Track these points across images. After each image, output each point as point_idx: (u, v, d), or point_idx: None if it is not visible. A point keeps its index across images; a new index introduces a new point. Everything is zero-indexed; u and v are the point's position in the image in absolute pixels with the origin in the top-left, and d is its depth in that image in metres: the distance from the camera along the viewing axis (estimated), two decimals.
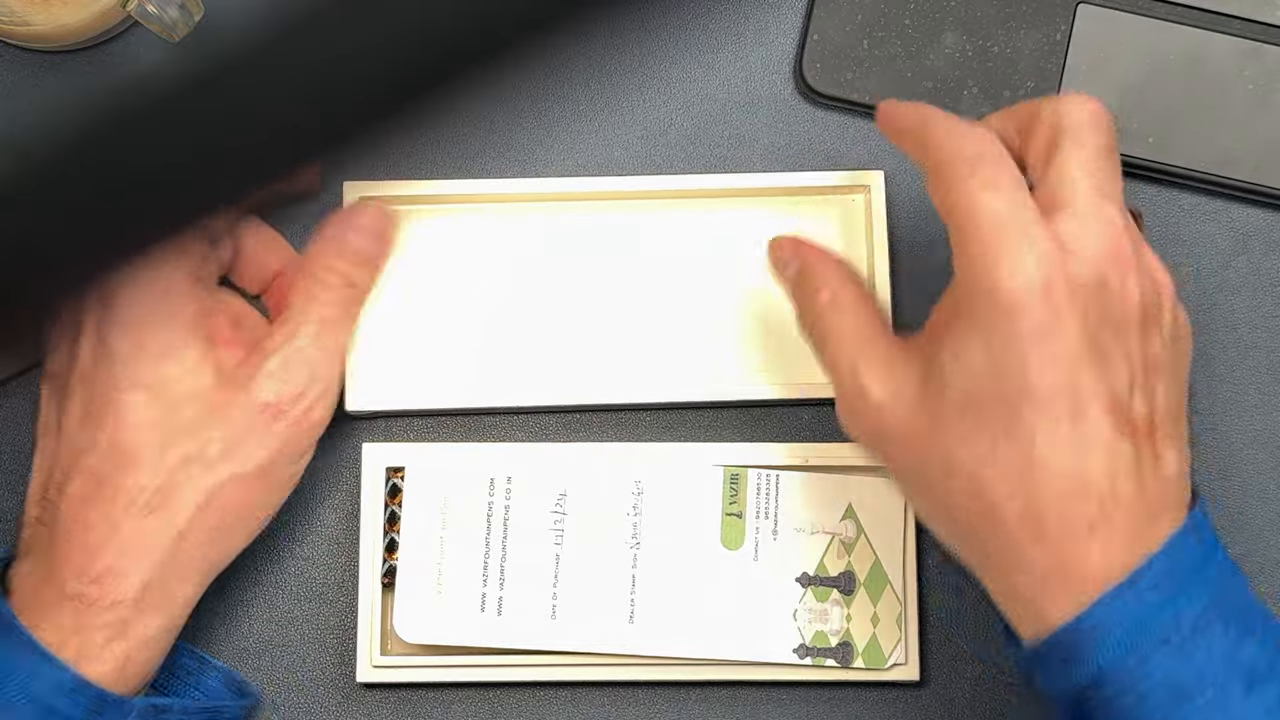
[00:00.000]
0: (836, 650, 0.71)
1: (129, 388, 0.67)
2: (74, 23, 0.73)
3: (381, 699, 0.74)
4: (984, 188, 0.62)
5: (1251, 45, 0.76)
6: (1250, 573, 0.74)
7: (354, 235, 0.72)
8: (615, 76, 0.77)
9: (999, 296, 0.60)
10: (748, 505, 0.72)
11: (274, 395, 0.68)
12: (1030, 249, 0.60)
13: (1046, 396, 0.60)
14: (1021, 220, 0.61)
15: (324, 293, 0.70)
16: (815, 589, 0.71)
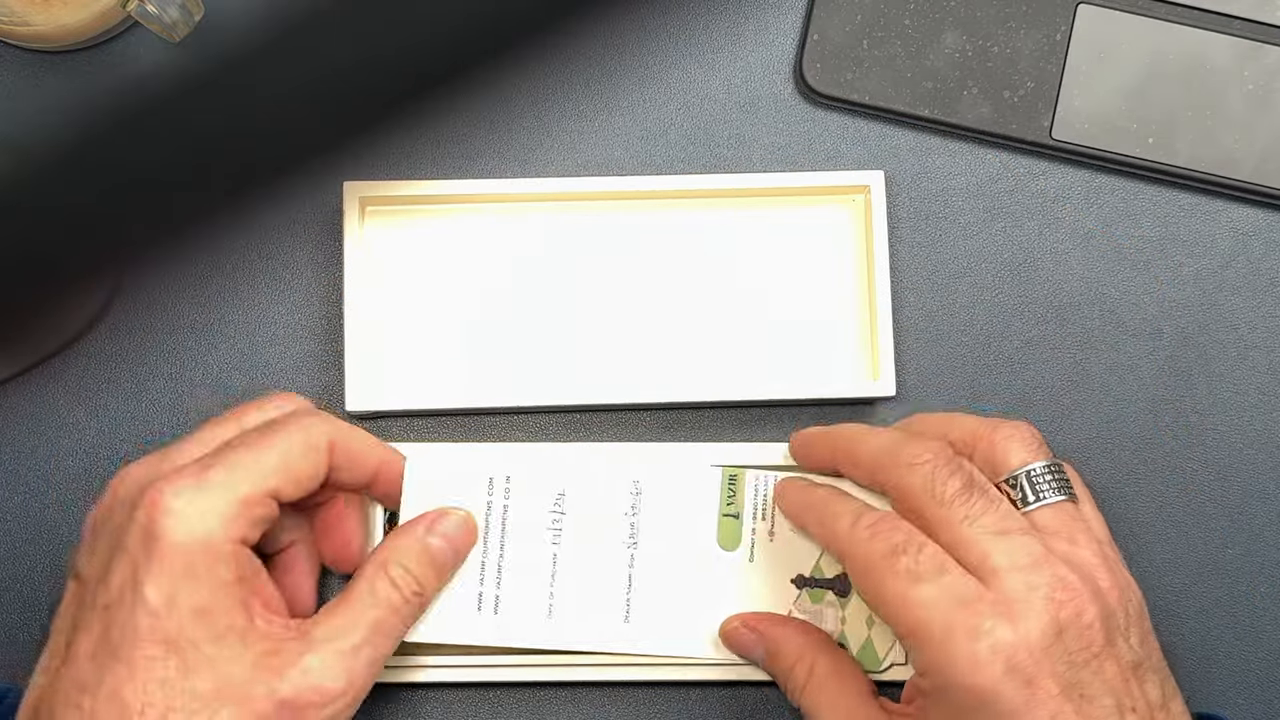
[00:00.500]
0: None
1: (151, 641, 0.62)
2: (74, 23, 0.73)
3: (382, 699, 0.74)
4: (912, 581, 0.63)
5: (1251, 45, 0.76)
6: (1250, 573, 0.74)
7: (435, 540, 0.69)
8: (615, 76, 0.77)
9: (970, 693, 0.61)
10: (745, 506, 0.72)
11: (299, 696, 0.63)
12: (982, 639, 0.61)
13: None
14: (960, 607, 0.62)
15: (390, 594, 0.66)
16: (810, 591, 0.71)
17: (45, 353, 0.75)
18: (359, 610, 0.66)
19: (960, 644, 0.62)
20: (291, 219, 0.76)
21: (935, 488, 0.65)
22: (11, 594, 0.75)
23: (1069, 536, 0.65)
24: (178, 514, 0.63)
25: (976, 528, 0.64)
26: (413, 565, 0.67)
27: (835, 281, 0.75)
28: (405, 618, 0.67)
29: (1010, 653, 0.61)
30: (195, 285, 0.76)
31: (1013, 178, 0.76)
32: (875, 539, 0.64)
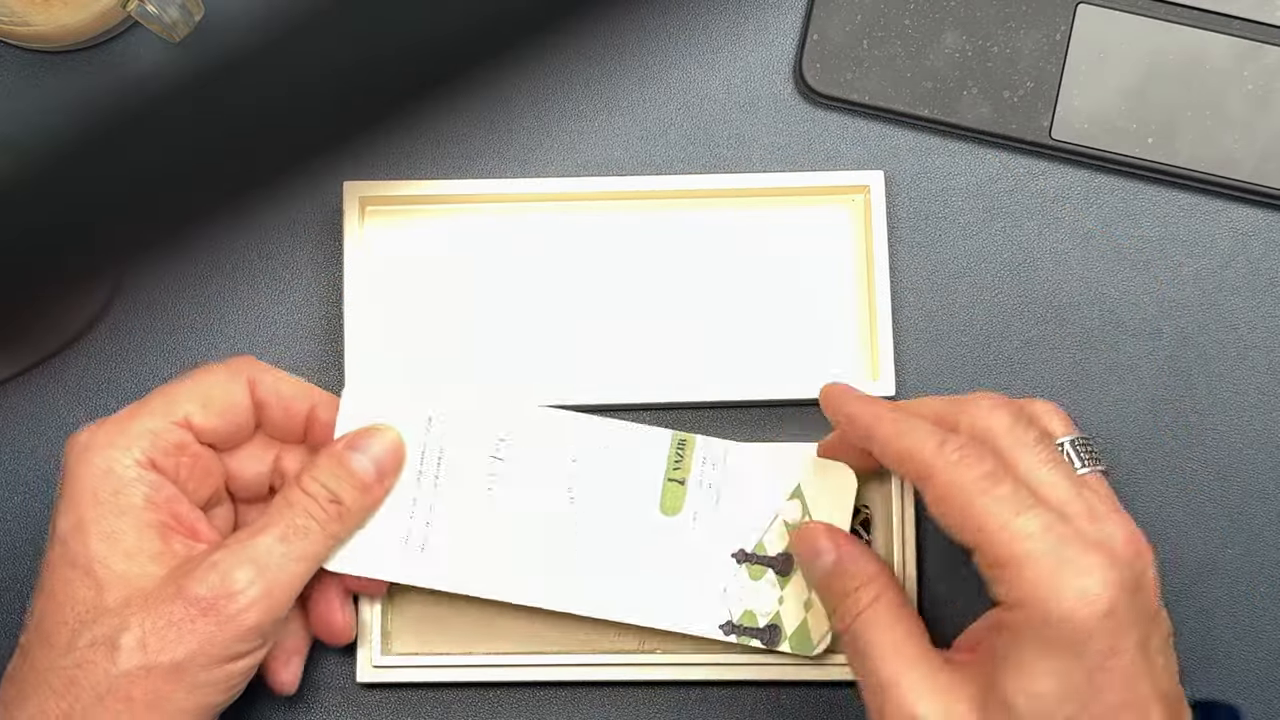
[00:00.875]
0: (764, 631, 0.70)
1: (62, 565, 0.65)
2: (74, 23, 0.73)
3: (381, 699, 0.74)
4: (1014, 511, 0.62)
5: (1251, 45, 0.76)
6: (1250, 573, 0.74)
7: (356, 456, 0.69)
8: (615, 76, 0.77)
9: (1069, 626, 0.61)
10: (691, 472, 0.71)
11: (206, 589, 0.64)
12: (1092, 576, 0.61)
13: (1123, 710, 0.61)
14: (1067, 544, 0.61)
15: (304, 501, 0.67)
16: (750, 566, 0.70)
17: (45, 353, 0.75)
18: (271, 515, 0.67)
19: (1070, 578, 0.61)
20: (291, 219, 0.76)
21: (1018, 430, 0.64)
22: (11, 594, 0.75)
23: (1114, 504, 0.65)
24: (82, 446, 0.66)
25: (1056, 473, 0.63)
26: (328, 478, 0.68)
27: (835, 281, 0.75)
28: (323, 523, 0.67)
29: (1113, 595, 0.61)
30: (195, 285, 0.76)
31: (1013, 178, 0.76)
32: (965, 463, 0.63)
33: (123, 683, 0.64)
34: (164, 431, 0.67)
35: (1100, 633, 0.61)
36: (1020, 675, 0.61)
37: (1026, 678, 0.61)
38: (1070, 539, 0.61)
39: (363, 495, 0.68)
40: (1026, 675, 0.61)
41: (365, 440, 0.69)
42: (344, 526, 0.68)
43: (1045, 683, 0.61)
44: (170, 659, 0.64)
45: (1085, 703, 0.61)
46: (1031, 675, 0.61)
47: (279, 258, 0.76)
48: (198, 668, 0.64)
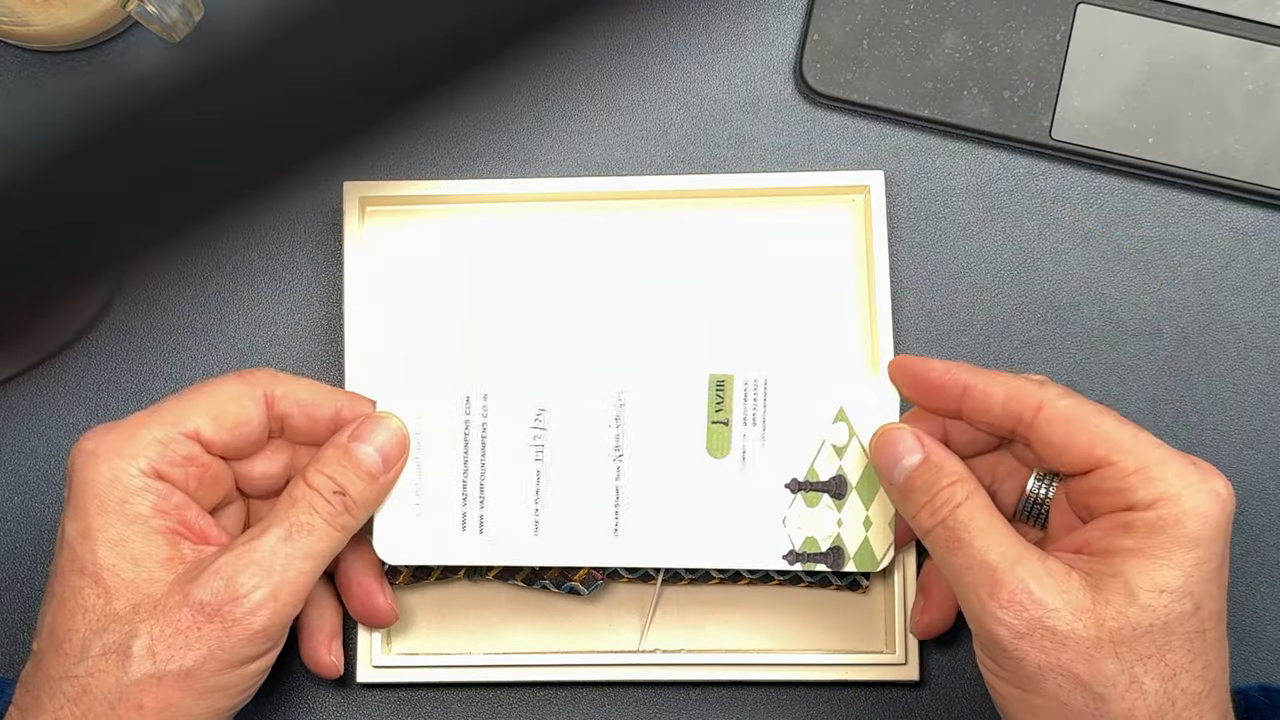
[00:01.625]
0: (827, 555, 0.70)
1: (71, 572, 0.65)
2: (74, 23, 0.73)
3: (381, 699, 0.74)
4: (1134, 429, 0.66)
5: (1251, 45, 0.76)
6: (1250, 573, 0.74)
7: (361, 446, 0.69)
8: (615, 76, 0.77)
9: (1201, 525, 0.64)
10: (734, 412, 0.71)
11: (211, 595, 0.64)
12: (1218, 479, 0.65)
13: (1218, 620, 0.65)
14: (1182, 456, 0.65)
15: (309, 497, 0.67)
16: (806, 494, 0.70)
17: (45, 353, 0.75)
18: (275, 513, 0.67)
19: (1203, 479, 0.65)
20: (291, 219, 0.76)
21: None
22: (11, 594, 0.75)
23: None
24: (89, 454, 0.66)
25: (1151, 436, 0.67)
26: (333, 470, 0.68)
27: (835, 281, 0.75)
28: (329, 517, 0.67)
29: (1227, 511, 0.65)
30: (195, 285, 0.76)
31: (1013, 178, 0.76)
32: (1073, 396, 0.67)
33: (134, 691, 0.64)
34: (172, 442, 0.67)
35: (1223, 535, 0.64)
36: (1148, 567, 0.63)
37: (1154, 570, 0.63)
38: (1185, 457, 0.66)
39: (369, 485, 0.68)
40: (1154, 567, 0.63)
41: (369, 430, 0.69)
42: (352, 518, 0.68)
43: (1172, 576, 0.63)
44: (180, 666, 0.64)
45: (1201, 601, 0.63)
46: (1160, 567, 0.63)
47: (279, 258, 0.76)
48: (208, 674, 0.64)
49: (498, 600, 0.73)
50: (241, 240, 0.76)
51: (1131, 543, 0.64)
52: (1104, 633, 0.62)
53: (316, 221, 0.76)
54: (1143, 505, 0.64)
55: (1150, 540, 0.64)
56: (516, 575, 0.72)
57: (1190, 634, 0.63)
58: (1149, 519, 0.64)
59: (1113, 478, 0.65)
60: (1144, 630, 0.62)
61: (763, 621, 0.73)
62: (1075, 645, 0.63)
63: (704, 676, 0.72)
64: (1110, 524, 0.65)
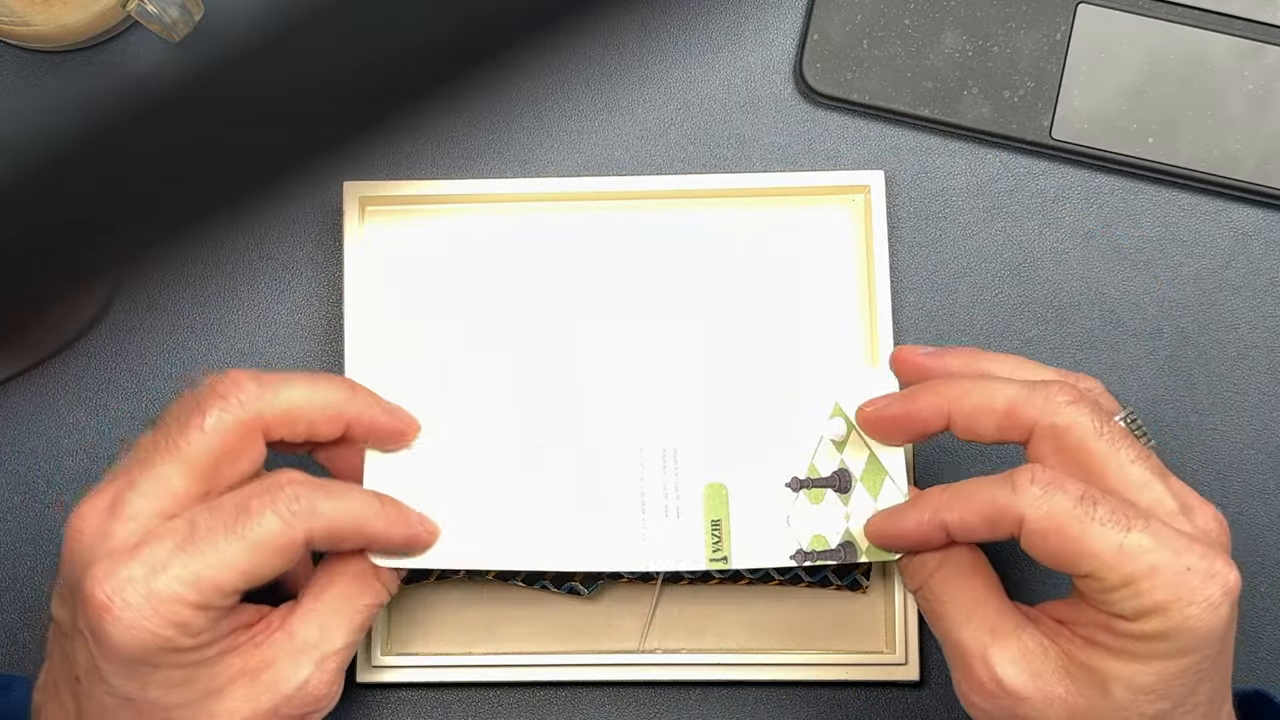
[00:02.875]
0: (839, 550, 0.68)
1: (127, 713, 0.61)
2: (74, 23, 0.73)
3: (381, 699, 0.74)
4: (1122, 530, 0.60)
5: (1251, 45, 0.76)
6: (1250, 573, 0.74)
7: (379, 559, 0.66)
8: (615, 76, 0.77)
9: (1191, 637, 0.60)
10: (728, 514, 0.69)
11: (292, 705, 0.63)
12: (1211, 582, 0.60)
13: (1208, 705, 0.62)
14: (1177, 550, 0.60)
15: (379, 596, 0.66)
16: (809, 491, 0.69)
17: (45, 353, 0.75)
18: (345, 614, 0.64)
19: (1196, 587, 0.60)
20: (291, 219, 0.76)
21: (1105, 430, 0.62)
22: (11, 594, 0.75)
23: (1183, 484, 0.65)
24: (124, 623, 0.60)
25: (1146, 469, 0.62)
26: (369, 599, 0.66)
27: (835, 281, 0.75)
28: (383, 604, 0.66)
29: (1234, 590, 0.61)
30: (195, 285, 0.76)
31: (1013, 178, 0.76)
32: (1052, 493, 0.61)
33: None
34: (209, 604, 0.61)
35: (1218, 638, 0.61)
36: (1129, 669, 0.61)
37: (1135, 673, 0.61)
38: (1182, 545, 0.60)
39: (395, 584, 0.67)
40: (1134, 671, 0.61)
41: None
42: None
43: (1151, 678, 0.61)
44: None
45: (1180, 699, 0.61)
46: (1139, 673, 0.61)
47: (279, 258, 0.76)
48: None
49: (498, 600, 0.73)
50: (241, 240, 0.76)
51: (1114, 644, 0.61)
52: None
53: (316, 221, 0.76)
54: (1129, 617, 0.61)
55: (1134, 646, 0.61)
56: (517, 575, 0.72)
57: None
58: (1134, 630, 0.61)
59: (1097, 591, 0.61)
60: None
61: (763, 621, 0.73)
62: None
63: (704, 676, 0.72)
64: (1097, 618, 0.62)
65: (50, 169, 0.41)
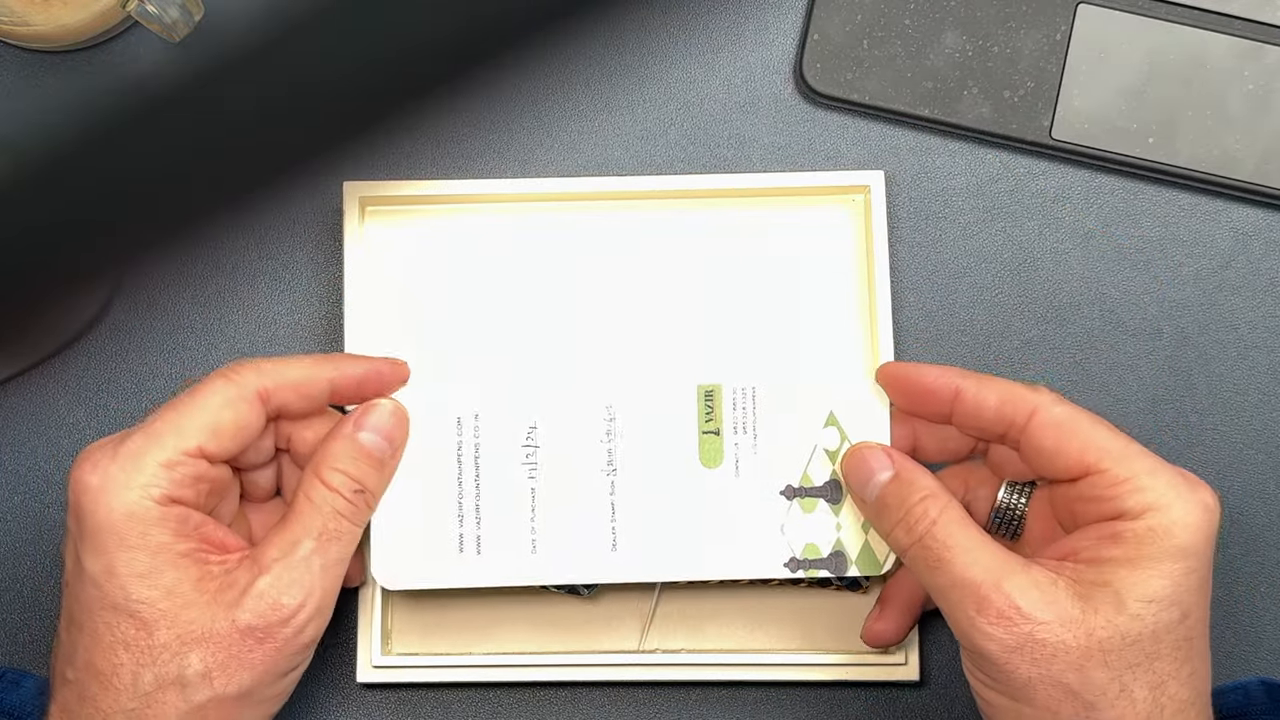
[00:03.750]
0: (829, 560, 0.70)
1: (101, 608, 0.64)
2: (74, 23, 0.73)
3: (381, 699, 0.74)
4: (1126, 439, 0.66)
5: (1251, 45, 0.76)
6: (1250, 573, 0.74)
7: (366, 435, 0.68)
8: (615, 76, 0.77)
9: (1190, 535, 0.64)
10: (724, 421, 0.71)
11: (260, 619, 0.65)
12: (1205, 491, 0.65)
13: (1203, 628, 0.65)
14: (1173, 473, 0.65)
15: (332, 499, 0.67)
16: (802, 500, 0.70)
17: (45, 353, 0.75)
18: (302, 522, 0.66)
19: (1192, 491, 0.65)
20: (291, 219, 0.76)
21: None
22: (12, 594, 0.75)
23: None
24: (96, 490, 0.65)
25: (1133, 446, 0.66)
26: (348, 465, 0.68)
27: (835, 281, 0.75)
28: (353, 516, 0.67)
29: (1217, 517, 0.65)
30: (195, 285, 0.76)
31: (1013, 178, 0.76)
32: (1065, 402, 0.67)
33: (195, 716, 0.64)
34: (179, 465, 0.65)
35: (1210, 545, 0.64)
36: (1137, 577, 0.63)
37: (1143, 580, 0.63)
38: (1173, 468, 0.65)
39: (380, 473, 0.69)
40: (1144, 577, 0.63)
41: (369, 417, 0.69)
42: (370, 512, 0.69)
43: (1160, 585, 0.63)
44: (238, 688, 0.65)
45: (1188, 610, 0.64)
46: (1149, 578, 0.63)
47: (279, 258, 0.76)
48: (263, 688, 0.65)
49: (498, 600, 0.73)
50: (241, 240, 0.76)
51: (1120, 552, 0.64)
52: (1093, 642, 0.63)
53: (316, 221, 0.76)
54: (1132, 515, 0.64)
55: (1139, 550, 0.64)
56: None
57: (1178, 642, 0.63)
58: (1138, 529, 0.64)
59: (1102, 485, 0.65)
60: (1133, 639, 0.63)
61: (763, 621, 0.73)
62: (1065, 656, 0.63)
63: (704, 676, 0.72)
64: (1098, 533, 0.65)
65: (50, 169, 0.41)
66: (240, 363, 0.68)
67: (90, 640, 0.65)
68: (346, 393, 0.70)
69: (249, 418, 0.67)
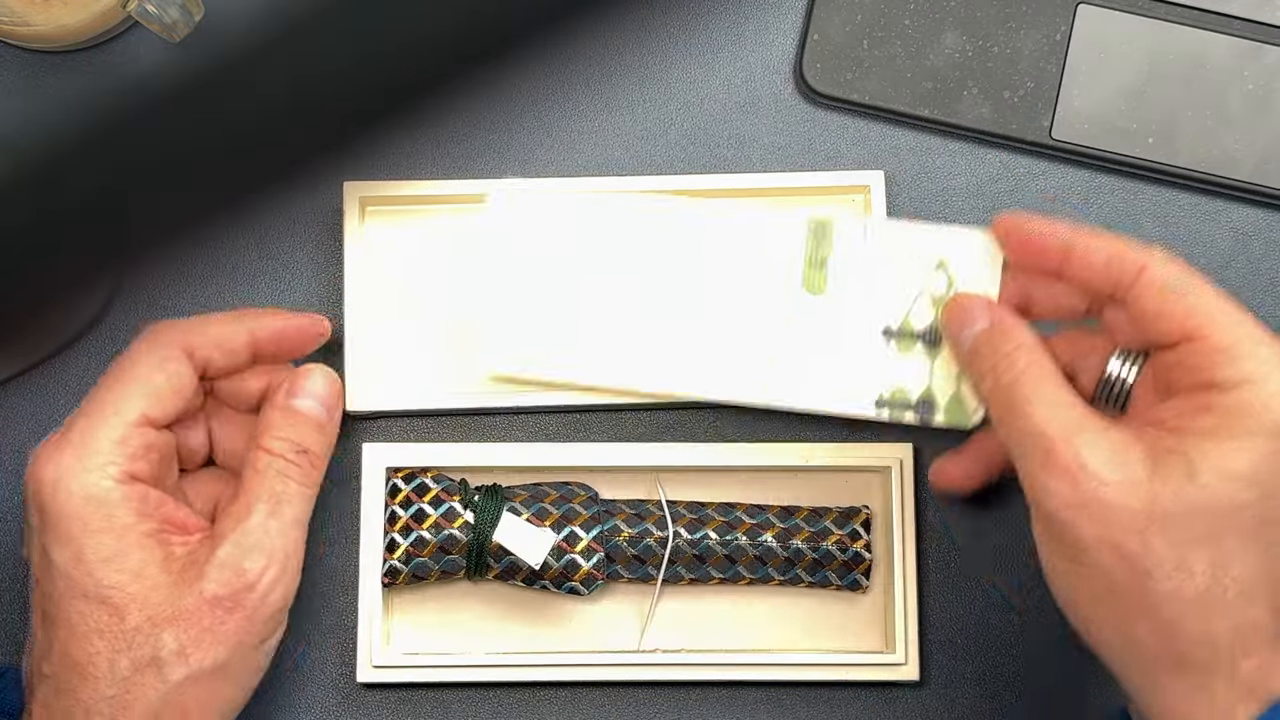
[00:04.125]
0: (917, 405, 0.70)
1: (72, 597, 0.65)
2: (74, 23, 0.73)
3: (381, 699, 0.74)
4: (1232, 305, 0.63)
5: (1251, 45, 0.76)
6: None
7: (301, 400, 0.69)
8: (615, 76, 0.77)
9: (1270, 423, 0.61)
10: (833, 251, 0.71)
11: (226, 588, 0.65)
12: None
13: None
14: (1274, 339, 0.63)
15: (276, 464, 0.68)
16: (899, 341, 0.70)
17: (45, 353, 0.75)
18: (250, 489, 0.67)
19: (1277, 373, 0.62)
20: (291, 219, 0.76)
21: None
22: (11, 594, 0.75)
23: None
24: (53, 481, 0.65)
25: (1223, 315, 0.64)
26: (287, 431, 0.69)
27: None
28: (299, 477, 0.68)
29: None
30: (195, 285, 0.76)
31: (1013, 178, 0.76)
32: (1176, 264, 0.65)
33: (175, 696, 0.65)
34: (128, 439, 0.66)
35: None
36: (1219, 450, 0.61)
37: (1225, 454, 0.61)
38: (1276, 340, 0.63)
39: (322, 435, 0.70)
40: (1226, 451, 0.61)
41: (301, 383, 0.70)
42: (318, 472, 0.69)
43: (1242, 462, 0.61)
44: (214, 662, 0.65)
45: (1268, 492, 0.61)
46: (1228, 451, 0.61)
47: (279, 258, 0.76)
48: (239, 660, 0.66)
49: (498, 600, 0.73)
50: (241, 240, 0.76)
51: (1206, 423, 0.62)
52: (1157, 509, 0.60)
53: (316, 221, 0.76)
54: (1226, 386, 0.62)
55: (1225, 422, 0.61)
56: (516, 575, 0.72)
57: (1251, 523, 0.60)
58: (1228, 402, 0.62)
59: (1200, 352, 0.63)
60: (1199, 511, 0.60)
61: (763, 621, 0.73)
62: (1128, 520, 0.61)
63: (704, 676, 0.72)
64: (1189, 403, 0.63)
65: (50, 169, 0.41)
66: (158, 324, 0.69)
67: (65, 632, 0.65)
68: (266, 347, 0.70)
69: (182, 375, 0.68)
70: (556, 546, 0.71)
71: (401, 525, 0.72)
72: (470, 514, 0.71)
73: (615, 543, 0.72)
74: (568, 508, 0.72)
